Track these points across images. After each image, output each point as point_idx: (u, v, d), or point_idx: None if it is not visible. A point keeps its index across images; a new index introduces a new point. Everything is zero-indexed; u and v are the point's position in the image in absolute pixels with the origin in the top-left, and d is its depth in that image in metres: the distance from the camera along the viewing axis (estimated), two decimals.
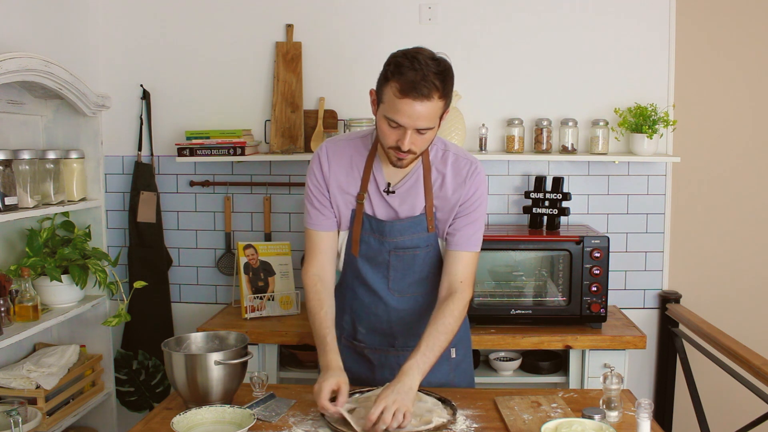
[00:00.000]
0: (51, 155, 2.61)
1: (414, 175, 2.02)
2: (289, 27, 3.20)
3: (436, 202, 2.03)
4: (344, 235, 2.08)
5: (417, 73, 1.76)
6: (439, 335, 1.92)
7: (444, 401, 1.94)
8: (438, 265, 2.09)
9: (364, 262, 2.08)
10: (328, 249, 2.07)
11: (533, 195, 3.07)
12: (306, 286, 2.07)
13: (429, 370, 1.90)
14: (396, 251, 2.04)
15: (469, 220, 2.03)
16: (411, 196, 2.02)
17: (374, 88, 1.91)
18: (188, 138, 3.08)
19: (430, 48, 1.88)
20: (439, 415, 1.86)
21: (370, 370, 2.15)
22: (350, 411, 1.86)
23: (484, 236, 2.43)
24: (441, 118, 1.88)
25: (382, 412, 1.74)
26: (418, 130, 1.83)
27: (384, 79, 1.83)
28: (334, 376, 1.87)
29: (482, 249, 2.76)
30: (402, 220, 2.02)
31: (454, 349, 2.16)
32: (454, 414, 1.87)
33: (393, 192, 2.02)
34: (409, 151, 1.86)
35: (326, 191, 2.05)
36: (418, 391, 1.99)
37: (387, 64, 1.84)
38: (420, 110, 1.79)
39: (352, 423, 1.78)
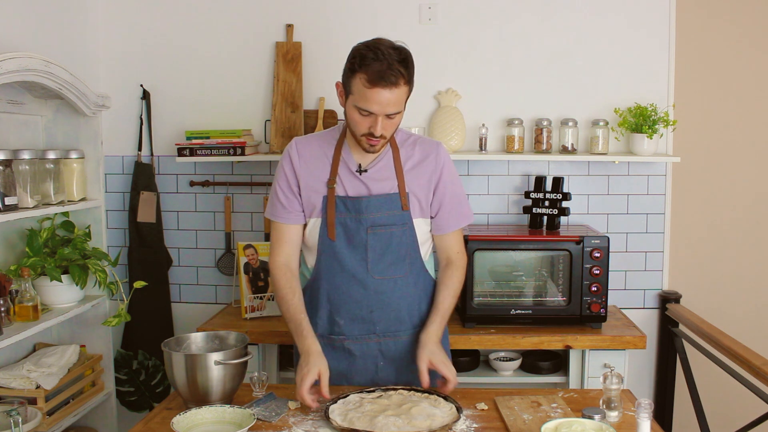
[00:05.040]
0: (51, 155, 2.61)
1: (384, 157, 2.13)
2: (289, 27, 3.20)
3: (411, 181, 2.11)
4: (316, 221, 2.12)
5: (382, 63, 1.89)
6: (447, 298, 2.14)
7: (446, 399, 1.94)
8: (414, 246, 2.14)
9: (342, 246, 2.10)
10: (294, 240, 2.17)
11: (533, 195, 3.07)
12: (275, 275, 2.15)
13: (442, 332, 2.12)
14: (373, 229, 2.08)
15: (452, 201, 2.16)
16: (383, 175, 2.10)
17: (339, 80, 2.02)
18: (188, 138, 3.09)
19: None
20: (443, 415, 1.86)
21: (350, 363, 2.16)
22: (344, 414, 1.87)
23: (484, 236, 2.41)
24: (405, 101, 2.02)
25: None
26: (388, 116, 1.96)
27: (350, 71, 1.95)
28: (315, 365, 1.97)
29: (482, 249, 2.80)
30: (377, 197, 2.09)
31: None
32: (459, 413, 1.87)
33: (365, 171, 2.10)
34: (381, 136, 1.99)
35: (296, 185, 2.13)
36: (425, 391, 2.00)
37: (352, 57, 1.95)
38: (389, 97, 1.92)
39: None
